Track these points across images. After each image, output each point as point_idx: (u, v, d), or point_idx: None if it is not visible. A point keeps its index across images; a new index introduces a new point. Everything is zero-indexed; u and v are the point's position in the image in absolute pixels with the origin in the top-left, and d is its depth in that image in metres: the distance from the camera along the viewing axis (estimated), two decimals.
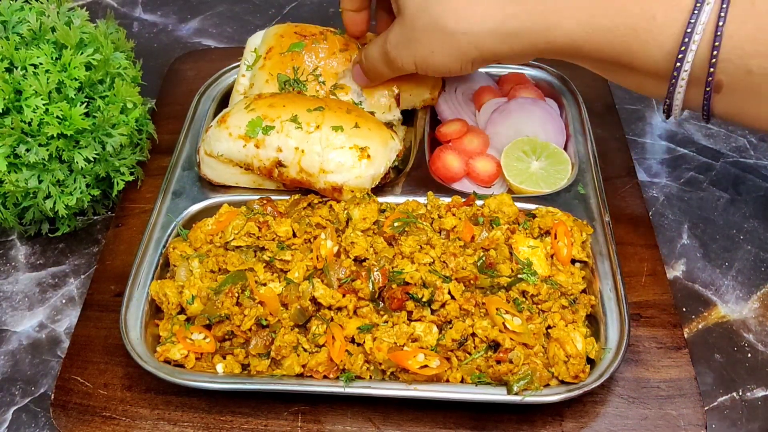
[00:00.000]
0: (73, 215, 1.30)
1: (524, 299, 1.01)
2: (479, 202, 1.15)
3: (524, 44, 1.02)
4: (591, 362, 0.99)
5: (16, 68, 1.12)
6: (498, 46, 1.03)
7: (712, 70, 0.92)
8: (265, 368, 0.99)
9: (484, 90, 1.39)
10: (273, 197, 1.20)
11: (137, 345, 1.03)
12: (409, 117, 1.38)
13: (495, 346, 0.98)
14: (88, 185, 1.21)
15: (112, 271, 1.20)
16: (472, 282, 1.02)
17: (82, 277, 1.27)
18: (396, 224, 1.08)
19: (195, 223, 1.17)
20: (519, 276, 1.03)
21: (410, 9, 1.06)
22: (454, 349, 0.98)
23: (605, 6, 0.96)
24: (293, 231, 1.11)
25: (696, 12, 0.91)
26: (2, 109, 1.08)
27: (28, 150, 1.11)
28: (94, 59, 1.17)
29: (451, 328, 0.99)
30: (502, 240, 1.08)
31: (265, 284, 1.04)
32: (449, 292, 1.00)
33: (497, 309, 0.98)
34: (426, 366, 0.95)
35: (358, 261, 1.06)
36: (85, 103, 1.15)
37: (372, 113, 1.28)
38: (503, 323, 0.98)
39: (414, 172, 1.25)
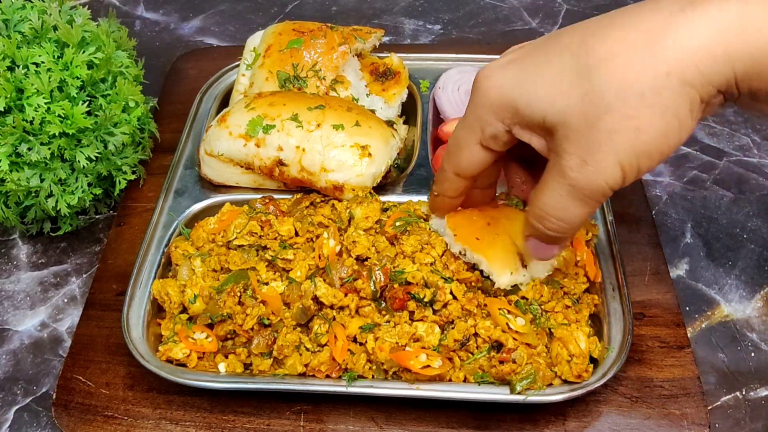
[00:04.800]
0: (75, 214, 1.30)
1: (526, 301, 1.01)
2: None
3: (760, 65, 0.70)
4: (594, 361, 0.98)
5: (18, 67, 1.12)
6: (720, 69, 0.70)
7: None
8: (268, 368, 0.99)
9: None
10: (275, 196, 1.19)
11: (139, 344, 1.03)
12: (410, 116, 1.38)
13: (498, 346, 0.98)
14: (90, 184, 1.20)
15: (114, 270, 1.20)
16: (473, 284, 1.02)
17: (84, 276, 1.27)
18: (398, 224, 1.08)
19: (197, 222, 1.17)
20: None
21: (576, 102, 0.74)
22: (456, 349, 0.98)
23: None
24: (295, 230, 1.11)
25: None
26: (4, 107, 1.08)
27: (29, 149, 1.10)
28: (96, 58, 1.17)
29: (453, 328, 0.99)
30: None
31: (267, 283, 1.04)
32: (451, 292, 1.00)
33: (500, 309, 0.98)
34: (428, 366, 0.95)
35: (360, 260, 1.06)
36: (87, 102, 1.15)
37: (372, 111, 1.28)
38: (506, 323, 0.97)
39: (416, 171, 1.25)
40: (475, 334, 0.98)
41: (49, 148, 1.11)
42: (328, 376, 0.99)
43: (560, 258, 1.03)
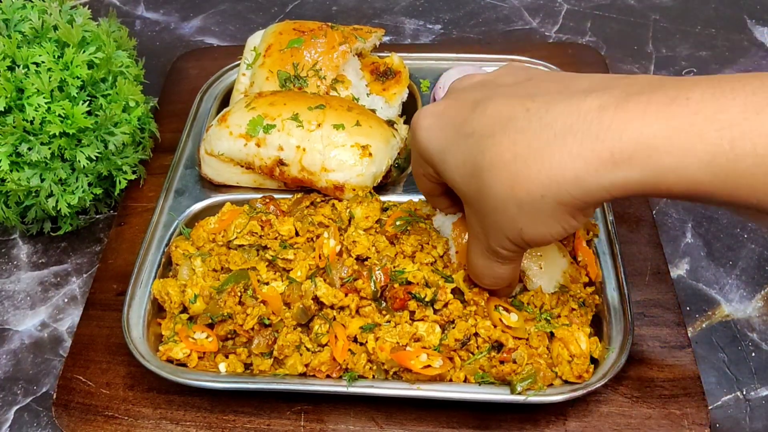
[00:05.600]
0: (76, 214, 1.30)
1: (526, 305, 1.01)
2: None
3: (632, 190, 0.73)
4: (594, 362, 0.98)
5: (18, 66, 1.12)
6: (591, 191, 0.74)
7: None
8: (268, 367, 0.99)
9: None
10: (275, 196, 1.19)
11: (139, 344, 1.03)
12: (411, 115, 1.37)
13: (498, 346, 0.98)
14: (90, 184, 1.20)
15: (115, 270, 1.20)
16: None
17: (85, 275, 1.27)
18: (398, 223, 1.08)
19: (197, 221, 1.17)
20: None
21: (472, 193, 0.82)
22: (457, 348, 0.98)
23: (737, 139, 0.66)
24: (296, 230, 1.11)
25: None
26: (4, 107, 1.08)
27: (30, 149, 1.10)
28: (96, 57, 1.17)
29: (453, 327, 0.99)
30: None
31: (267, 283, 1.04)
32: (455, 289, 1.00)
33: (496, 306, 0.98)
34: (429, 366, 0.95)
35: (361, 260, 1.06)
36: (88, 102, 1.15)
37: (373, 110, 1.28)
38: (499, 319, 0.97)
39: None
40: (476, 334, 0.98)
41: (50, 148, 1.11)
42: (328, 376, 0.99)
43: (566, 275, 1.04)
